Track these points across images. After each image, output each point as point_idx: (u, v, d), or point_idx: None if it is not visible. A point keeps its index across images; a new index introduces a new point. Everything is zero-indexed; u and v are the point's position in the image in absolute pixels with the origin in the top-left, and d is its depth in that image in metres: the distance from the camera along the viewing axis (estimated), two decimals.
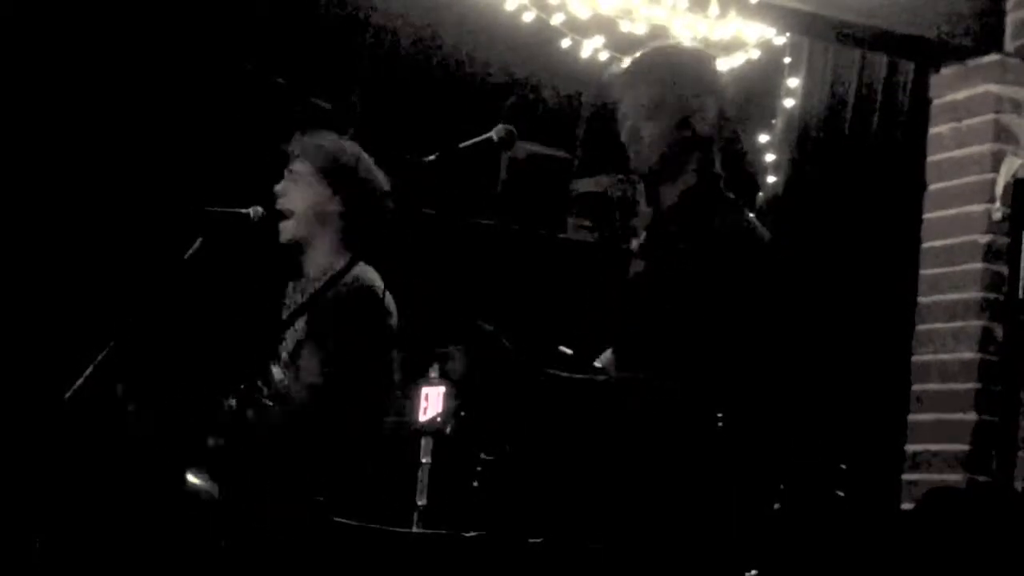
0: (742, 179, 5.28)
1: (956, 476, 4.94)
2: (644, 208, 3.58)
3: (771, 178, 5.54)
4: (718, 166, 3.51)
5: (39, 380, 4.02)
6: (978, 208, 5.05)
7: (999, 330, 4.99)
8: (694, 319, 3.30)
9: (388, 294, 3.81)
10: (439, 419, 3.50)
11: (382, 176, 3.99)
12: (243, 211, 3.89)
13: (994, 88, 5.08)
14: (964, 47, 5.14)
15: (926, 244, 5.22)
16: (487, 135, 3.36)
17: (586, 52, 5.33)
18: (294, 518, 3.60)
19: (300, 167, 3.95)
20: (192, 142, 5.31)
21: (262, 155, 4.12)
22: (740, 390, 3.32)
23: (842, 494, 4.33)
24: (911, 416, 5.15)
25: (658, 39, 5.00)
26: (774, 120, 5.57)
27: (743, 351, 3.33)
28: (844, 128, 5.56)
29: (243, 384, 3.62)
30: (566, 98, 6.33)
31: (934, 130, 5.26)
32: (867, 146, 5.53)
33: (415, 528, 3.51)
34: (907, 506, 4.99)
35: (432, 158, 3.31)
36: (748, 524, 3.37)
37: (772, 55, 5.50)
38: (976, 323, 5.00)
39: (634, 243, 3.64)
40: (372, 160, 4.02)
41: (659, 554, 3.22)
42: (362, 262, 3.89)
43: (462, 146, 3.35)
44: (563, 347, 3.46)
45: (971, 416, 4.96)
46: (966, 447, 4.95)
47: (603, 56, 5.33)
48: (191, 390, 3.92)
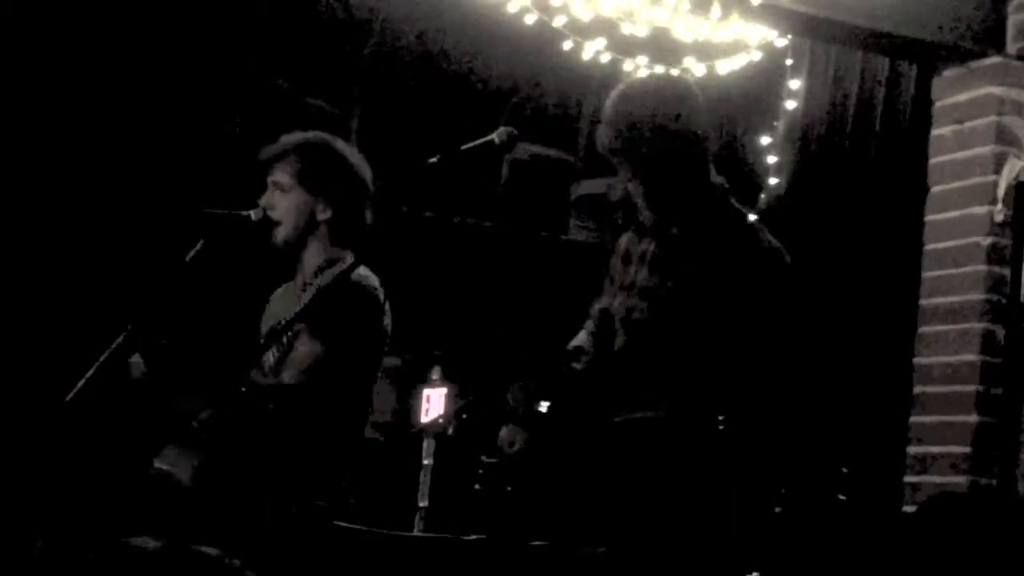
0: (744, 181, 5.30)
1: (958, 479, 4.93)
2: (649, 216, 3.56)
3: (773, 180, 5.54)
4: (714, 175, 3.51)
5: (40, 383, 4.01)
6: (980, 210, 5.04)
7: (1001, 332, 4.99)
8: (698, 325, 3.30)
9: (383, 294, 3.80)
10: (441, 420, 3.50)
11: (363, 165, 3.94)
12: (244, 213, 3.88)
13: (996, 90, 5.08)
14: (966, 49, 5.13)
15: (928, 246, 5.22)
16: (489, 137, 3.36)
17: (588, 54, 5.33)
18: (289, 517, 3.60)
19: (279, 176, 3.92)
20: (193, 144, 5.31)
21: (257, 156, 4.10)
22: (742, 393, 3.32)
23: (844, 497, 4.33)
24: (913, 418, 5.15)
25: (662, 42, 5.00)
26: (776, 122, 5.57)
27: (745, 355, 3.33)
28: (846, 130, 5.56)
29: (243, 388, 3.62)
30: (568, 100, 6.34)
31: (936, 132, 5.25)
32: (869, 148, 5.53)
33: (417, 530, 3.51)
34: (909, 509, 4.98)
35: (434, 160, 3.31)
36: (750, 527, 3.37)
37: (774, 57, 5.49)
38: (978, 325, 5.00)
39: (630, 246, 3.62)
40: (351, 149, 3.97)
41: (661, 557, 3.22)
42: (362, 266, 3.89)
43: (464, 148, 3.35)
44: (575, 363, 3.47)
45: (973, 418, 4.95)
46: (968, 449, 4.94)
47: (605, 58, 5.33)
48: (192, 391, 3.91)
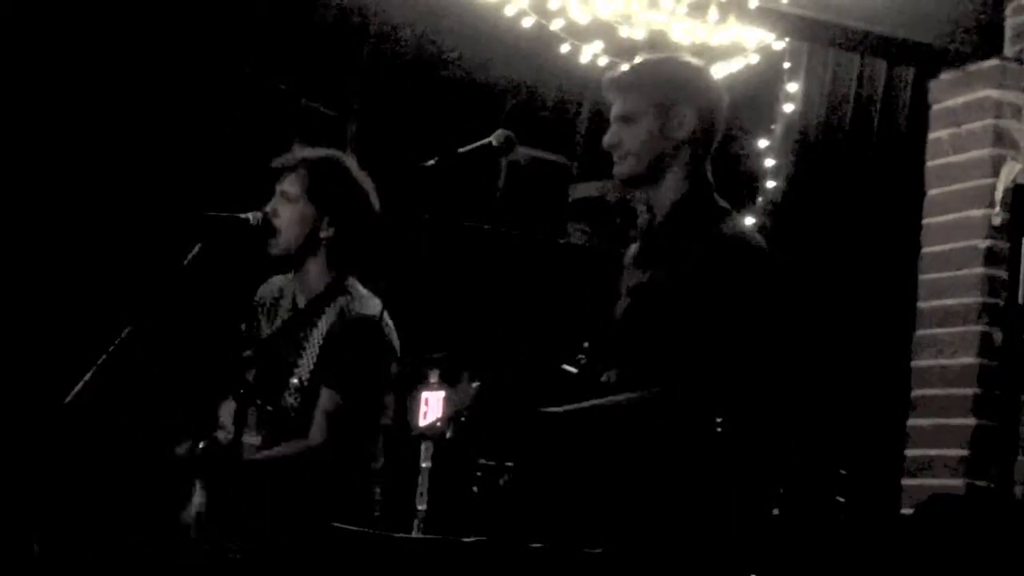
0: (739, 184, 5.30)
1: (956, 481, 4.93)
2: (643, 213, 3.55)
3: (771, 183, 5.54)
4: (709, 174, 3.51)
5: (39, 384, 4.02)
6: (977, 213, 5.05)
7: (998, 335, 5.00)
8: (692, 326, 3.30)
9: (387, 317, 3.82)
10: (439, 424, 3.50)
11: (373, 191, 3.96)
12: (242, 216, 3.88)
13: (993, 93, 5.08)
14: (963, 52, 5.14)
15: (926, 249, 5.22)
16: (486, 140, 3.37)
17: (585, 57, 5.33)
18: (295, 526, 3.61)
19: (288, 187, 3.93)
20: (191, 146, 5.31)
21: (262, 160, 4.11)
22: (740, 395, 3.32)
23: (842, 499, 4.33)
24: (911, 421, 5.15)
25: (660, 45, 5.01)
26: (773, 125, 5.57)
27: (742, 356, 3.33)
28: (843, 133, 5.56)
29: (242, 390, 3.63)
30: (565, 103, 6.34)
31: (933, 135, 5.26)
32: (866, 151, 5.53)
33: (415, 533, 3.51)
34: (907, 511, 4.99)
35: (431, 163, 3.31)
36: (748, 528, 3.37)
37: (771, 60, 5.50)
38: (976, 328, 5.00)
39: (630, 250, 3.63)
40: (362, 174, 3.99)
41: (659, 558, 3.22)
42: (356, 283, 3.90)
43: (461, 151, 3.35)
44: (567, 366, 3.46)
45: (971, 421, 4.96)
46: (966, 452, 4.95)
47: (602, 61, 5.33)
48: (189, 396, 3.92)
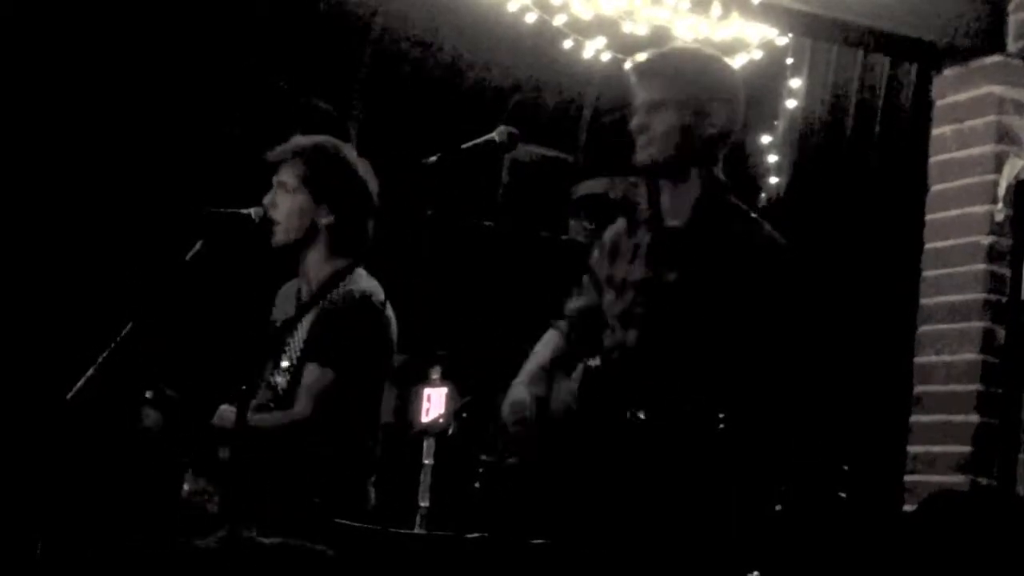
0: (744, 180, 5.30)
1: (958, 478, 4.93)
2: (645, 209, 3.55)
3: (773, 179, 5.54)
4: (720, 172, 3.51)
5: (41, 380, 4.02)
6: (980, 209, 5.04)
7: (1001, 332, 4.99)
8: (707, 320, 3.30)
9: (388, 304, 3.80)
10: (441, 420, 3.50)
11: (370, 176, 3.95)
12: (244, 212, 3.88)
13: (996, 89, 5.07)
14: (966, 48, 5.13)
15: (928, 245, 5.21)
16: (489, 136, 3.36)
17: (588, 53, 5.33)
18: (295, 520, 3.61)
19: (285, 177, 3.92)
20: (193, 144, 5.31)
21: (263, 156, 4.10)
22: (742, 391, 3.32)
23: (844, 495, 4.33)
24: (913, 417, 5.14)
25: (663, 41, 5.00)
26: (776, 121, 5.57)
27: (745, 352, 3.33)
28: (846, 129, 5.56)
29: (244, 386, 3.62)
30: (568, 100, 6.34)
31: (936, 131, 5.25)
32: (869, 147, 5.52)
33: (418, 529, 3.51)
34: (909, 507, 4.98)
35: (434, 159, 3.30)
36: (750, 525, 3.37)
37: (774, 56, 5.50)
38: (978, 325, 5.00)
39: (611, 235, 3.61)
40: (362, 161, 3.98)
41: (661, 555, 3.21)
42: (361, 270, 3.89)
43: (464, 147, 3.34)
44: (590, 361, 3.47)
45: (973, 418, 4.95)
46: (968, 449, 4.94)
47: (605, 57, 5.33)
48: (192, 392, 3.92)
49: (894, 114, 5.50)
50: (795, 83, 5.53)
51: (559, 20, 5.26)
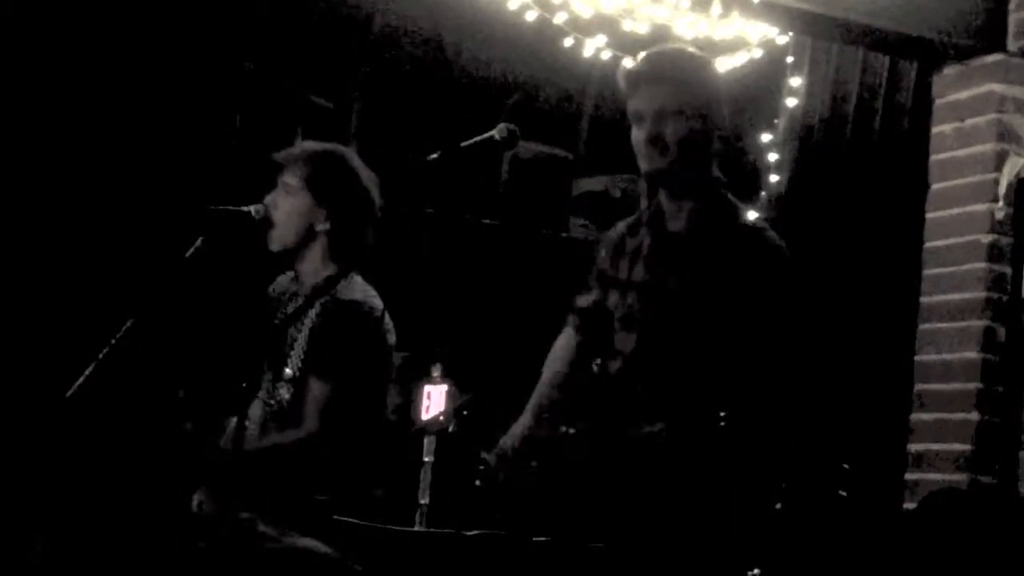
0: (743, 179, 5.29)
1: (958, 476, 4.93)
2: (646, 210, 3.55)
3: (774, 177, 5.54)
4: (716, 170, 3.51)
5: (40, 378, 4.02)
6: (981, 208, 5.04)
7: (1001, 330, 4.99)
8: (708, 324, 3.30)
9: (384, 311, 3.81)
10: (442, 418, 3.50)
11: (373, 185, 3.96)
12: (244, 209, 3.88)
13: (997, 87, 5.07)
14: (967, 46, 5.13)
15: (929, 244, 5.22)
16: (489, 134, 3.36)
17: (588, 51, 5.32)
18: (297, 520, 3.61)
19: (289, 178, 3.93)
20: (194, 141, 5.31)
21: (265, 155, 4.11)
22: (743, 391, 3.32)
23: (844, 493, 4.33)
24: (913, 416, 5.15)
25: (664, 40, 5.00)
26: (777, 119, 5.56)
27: (744, 355, 3.33)
28: (846, 127, 5.55)
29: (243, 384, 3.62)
30: (568, 97, 6.33)
31: (937, 129, 5.25)
32: (869, 145, 5.52)
33: (418, 527, 3.51)
34: (909, 506, 4.98)
35: (434, 157, 3.30)
36: (750, 523, 3.37)
37: (775, 54, 5.49)
38: (979, 323, 5.00)
39: (614, 236, 3.62)
40: (365, 168, 3.98)
41: (662, 553, 3.21)
42: (358, 277, 3.90)
43: (464, 145, 3.34)
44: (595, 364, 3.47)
45: (974, 416, 4.95)
46: (968, 447, 4.94)
47: (605, 55, 5.32)
48: (192, 391, 3.92)
49: (894, 112, 5.49)
50: (795, 82, 5.53)
51: (559, 18, 5.26)
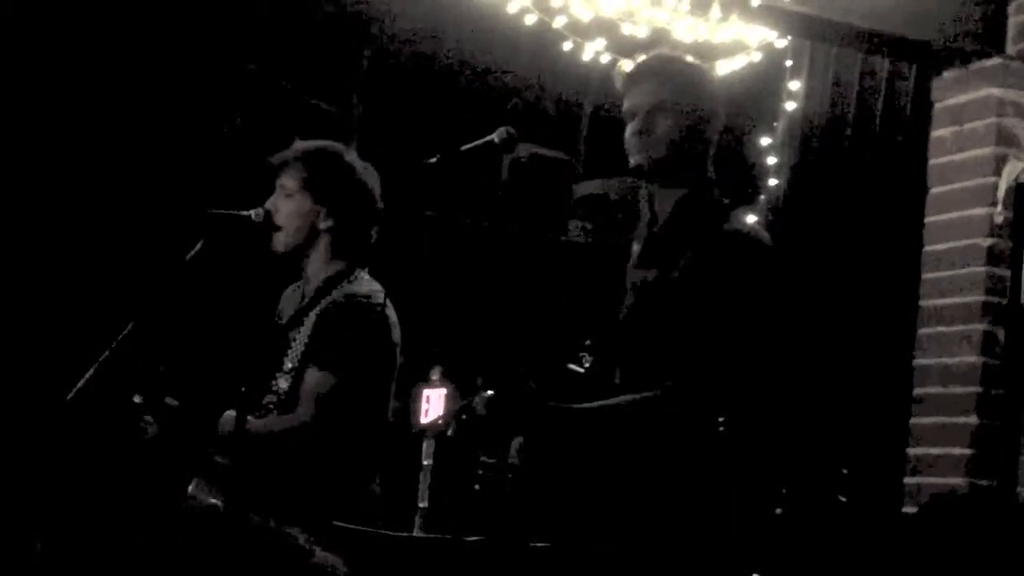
0: (741, 181, 5.30)
1: (958, 480, 4.93)
2: (645, 211, 3.56)
3: (773, 181, 5.54)
4: (711, 171, 3.52)
5: (41, 381, 4.02)
6: (980, 212, 5.04)
7: (1001, 334, 4.99)
8: (692, 324, 3.30)
9: (390, 306, 3.81)
10: (440, 421, 3.50)
11: (373, 180, 3.95)
12: (245, 213, 3.88)
13: (996, 91, 5.07)
14: (966, 50, 5.13)
15: (928, 248, 5.21)
16: (489, 137, 3.36)
17: (588, 55, 5.33)
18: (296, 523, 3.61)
19: (286, 181, 3.93)
20: (195, 144, 5.31)
21: (264, 157, 4.11)
22: (742, 394, 3.32)
23: (844, 498, 4.34)
24: (913, 420, 5.14)
25: (661, 43, 5.01)
26: (776, 123, 5.57)
27: (744, 355, 3.33)
28: (846, 131, 5.56)
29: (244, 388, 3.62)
30: (568, 101, 6.34)
31: (936, 133, 5.25)
32: (868, 149, 5.52)
33: (417, 531, 3.51)
34: (909, 510, 4.98)
35: (434, 160, 3.31)
36: (750, 527, 3.37)
37: (774, 58, 5.50)
38: (978, 327, 5.00)
39: (633, 248, 3.63)
40: (363, 164, 3.98)
41: (662, 557, 3.21)
42: (363, 273, 3.90)
43: (464, 148, 3.35)
44: (573, 365, 3.46)
45: (973, 420, 4.95)
46: (968, 451, 4.94)
47: (604, 59, 5.33)
48: (193, 393, 3.92)
49: (893, 116, 5.49)
50: (795, 85, 5.53)
51: (559, 22, 5.26)
